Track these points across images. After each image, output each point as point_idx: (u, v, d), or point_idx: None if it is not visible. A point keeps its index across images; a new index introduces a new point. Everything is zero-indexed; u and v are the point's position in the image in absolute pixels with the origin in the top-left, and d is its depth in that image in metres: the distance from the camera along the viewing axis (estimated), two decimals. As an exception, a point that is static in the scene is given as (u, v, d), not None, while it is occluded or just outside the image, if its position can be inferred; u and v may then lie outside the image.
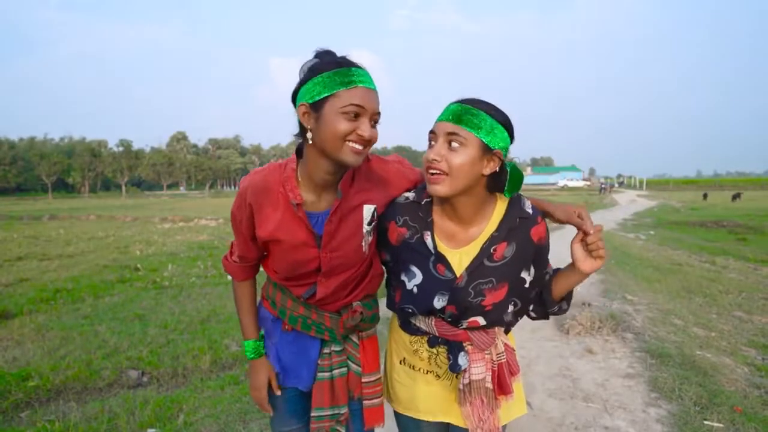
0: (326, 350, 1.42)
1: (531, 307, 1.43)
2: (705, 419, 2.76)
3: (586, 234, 1.28)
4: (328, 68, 1.18)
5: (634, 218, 19.50)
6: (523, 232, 1.28)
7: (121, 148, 79.69)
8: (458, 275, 1.26)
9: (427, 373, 1.39)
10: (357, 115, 1.17)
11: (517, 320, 1.41)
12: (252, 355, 1.47)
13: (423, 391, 1.40)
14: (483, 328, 1.30)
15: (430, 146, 1.23)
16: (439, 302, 1.27)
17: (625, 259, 8.74)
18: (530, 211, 1.30)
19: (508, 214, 1.28)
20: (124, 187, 77.05)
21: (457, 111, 1.20)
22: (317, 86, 1.18)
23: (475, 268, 1.26)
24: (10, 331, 4.75)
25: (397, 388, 1.46)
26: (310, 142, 1.22)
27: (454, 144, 1.19)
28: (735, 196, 32.37)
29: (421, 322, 1.35)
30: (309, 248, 1.31)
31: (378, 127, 1.24)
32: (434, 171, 1.20)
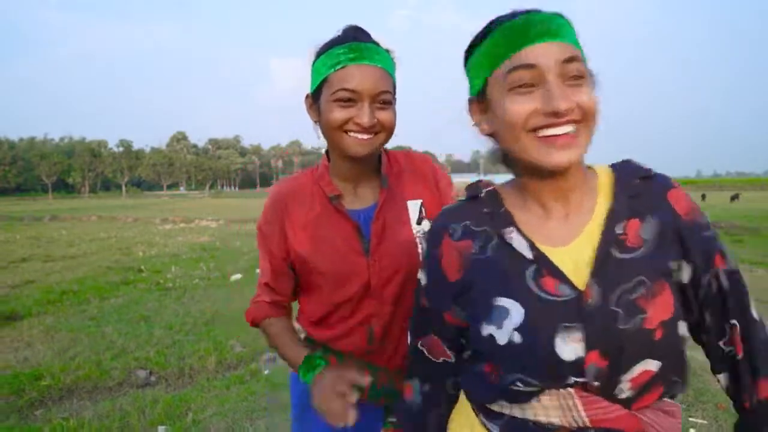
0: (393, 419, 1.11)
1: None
2: (690, 416, 2.90)
3: None
4: (323, 50, 1.05)
5: (632, 219, 19.63)
6: (656, 197, 0.78)
7: (121, 149, 79.93)
8: (583, 287, 0.72)
9: None
10: (351, 100, 1.01)
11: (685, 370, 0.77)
12: (311, 373, 1.08)
13: None
14: (657, 384, 0.72)
15: (525, 90, 0.70)
16: (568, 348, 0.70)
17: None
18: (648, 167, 0.82)
19: (617, 177, 0.81)
20: (124, 188, 77.17)
21: (548, 21, 0.72)
22: (313, 74, 1.08)
23: (605, 266, 0.73)
24: (20, 333, 4.87)
25: None
26: (322, 136, 1.10)
27: (579, 75, 0.71)
28: (733, 197, 32.65)
29: (547, 410, 0.74)
30: (355, 255, 1.09)
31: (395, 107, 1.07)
32: (565, 128, 0.70)
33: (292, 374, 1.22)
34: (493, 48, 0.74)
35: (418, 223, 1.12)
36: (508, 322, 0.73)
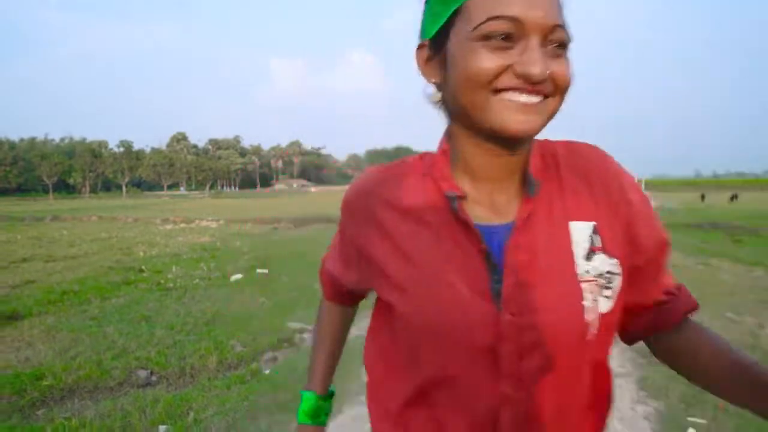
0: None
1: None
2: (689, 416, 2.91)
3: None
4: None
5: (632, 219, 19.62)
6: None
7: (121, 149, 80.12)
8: None
9: None
10: (509, 37, 0.57)
11: None
12: (304, 419, 0.92)
13: None
14: None
15: None
16: None
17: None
18: None
19: None
20: (124, 188, 77.33)
21: None
22: (431, 8, 0.65)
23: None
24: (21, 332, 4.88)
25: None
26: (444, 105, 0.69)
27: None
28: (732, 197, 32.82)
29: None
30: (478, 300, 0.63)
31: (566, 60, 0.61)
32: None
33: None
34: None
35: (587, 258, 0.65)
36: None
